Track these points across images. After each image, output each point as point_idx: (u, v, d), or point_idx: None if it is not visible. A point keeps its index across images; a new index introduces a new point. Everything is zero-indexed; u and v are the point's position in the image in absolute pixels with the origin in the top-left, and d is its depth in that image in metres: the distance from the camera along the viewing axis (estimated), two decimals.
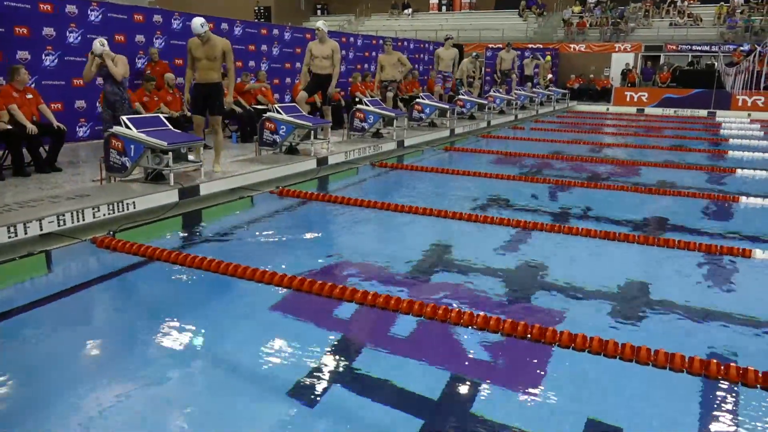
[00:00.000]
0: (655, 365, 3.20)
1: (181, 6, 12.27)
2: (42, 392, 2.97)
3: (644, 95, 21.17)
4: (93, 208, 5.23)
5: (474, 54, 16.66)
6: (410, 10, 32.44)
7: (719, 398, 3.02)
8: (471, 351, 3.45)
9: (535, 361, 3.36)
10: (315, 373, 3.14)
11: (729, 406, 2.96)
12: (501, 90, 16.59)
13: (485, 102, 15.05)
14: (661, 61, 24.01)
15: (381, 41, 13.31)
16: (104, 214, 5.32)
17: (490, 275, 4.68)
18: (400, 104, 13.53)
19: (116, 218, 5.43)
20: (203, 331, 3.71)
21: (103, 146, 6.30)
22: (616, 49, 25.01)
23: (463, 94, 14.47)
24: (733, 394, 3.03)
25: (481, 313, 3.68)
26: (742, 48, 21.99)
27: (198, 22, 6.50)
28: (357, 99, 12.60)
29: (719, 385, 3.09)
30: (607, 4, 28.54)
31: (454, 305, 3.90)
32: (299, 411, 2.82)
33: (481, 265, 4.90)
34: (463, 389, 3.09)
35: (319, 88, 9.17)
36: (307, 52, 8.94)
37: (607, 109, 20.89)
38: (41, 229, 4.81)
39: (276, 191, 7.00)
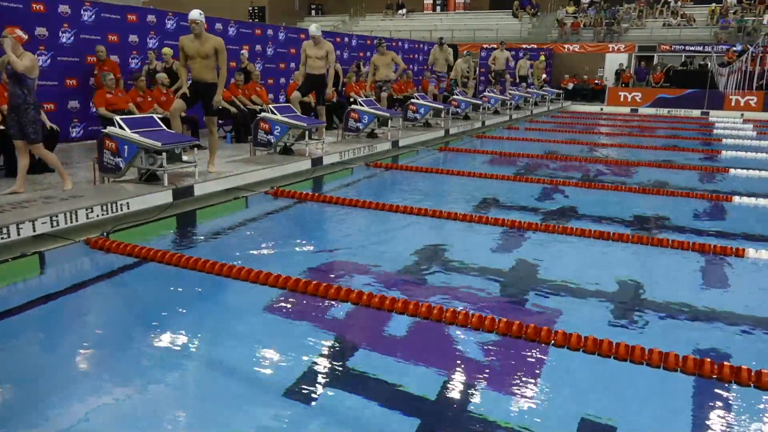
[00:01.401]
0: (650, 364, 3.21)
1: (174, 6, 12.23)
2: (35, 394, 2.95)
3: (638, 95, 21.27)
4: (86, 209, 5.20)
5: (466, 52, 16.66)
6: (405, 10, 32.44)
7: (713, 397, 3.04)
8: (466, 351, 3.45)
9: (530, 360, 3.36)
10: (310, 374, 3.13)
11: (722, 405, 2.98)
12: (495, 90, 16.61)
13: (480, 102, 15.06)
14: (655, 61, 24.09)
15: (375, 41, 13.29)
16: (98, 215, 5.30)
17: (484, 275, 4.68)
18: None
19: (110, 219, 5.41)
20: (197, 332, 3.70)
21: (96, 146, 6.27)
22: (610, 50, 25.09)
23: (457, 94, 14.48)
24: (727, 393, 3.04)
25: (476, 313, 3.68)
26: (734, 48, 22.10)
27: (197, 11, 6.51)
28: (352, 99, 12.58)
29: (713, 384, 3.10)
30: (600, 4, 28.63)
31: (449, 305, 3.90)
32: (294, 411, 2.82)
33: (475, 264, 4.90)
34: (459, 389, 3.09)
35: (313, 89, 9.17)
36: (302, 51, 8.96)
37: (601, 109, 20.97)
38: (34, 230, 4.79)
39: (271, 192, 6.99)
